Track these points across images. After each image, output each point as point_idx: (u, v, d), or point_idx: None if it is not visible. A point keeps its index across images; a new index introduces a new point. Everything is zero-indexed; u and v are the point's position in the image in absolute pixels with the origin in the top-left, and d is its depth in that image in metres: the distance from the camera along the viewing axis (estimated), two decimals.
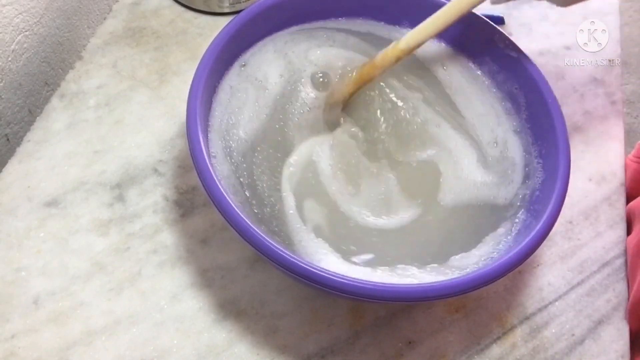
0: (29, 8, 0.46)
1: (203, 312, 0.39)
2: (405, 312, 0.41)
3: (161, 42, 0.51)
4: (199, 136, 0.35)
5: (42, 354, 0.37)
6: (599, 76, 0.55)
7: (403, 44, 0.40)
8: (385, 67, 0.41)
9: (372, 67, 0.41)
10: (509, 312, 0.42)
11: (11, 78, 0.46)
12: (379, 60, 0.41)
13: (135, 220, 0.42)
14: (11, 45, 0.45)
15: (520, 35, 0.57)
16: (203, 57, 0.38)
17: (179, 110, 0.47)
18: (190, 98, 0.36)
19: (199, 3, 0.53)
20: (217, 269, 0.41)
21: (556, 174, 0.37)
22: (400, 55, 0.41)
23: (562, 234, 0.45)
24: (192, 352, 0.38)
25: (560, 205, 0.36)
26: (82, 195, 0.43)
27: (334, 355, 0.38)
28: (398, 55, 0.41)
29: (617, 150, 0.50)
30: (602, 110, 0.53)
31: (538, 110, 0.41)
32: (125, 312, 0.38)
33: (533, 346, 0.41)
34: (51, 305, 0.38)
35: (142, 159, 0.45)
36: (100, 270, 0.40)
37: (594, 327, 0.42)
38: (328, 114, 0.41)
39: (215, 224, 0.42)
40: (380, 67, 0.41)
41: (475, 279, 0.33)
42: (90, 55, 0.50)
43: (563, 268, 0.44)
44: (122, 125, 0.46)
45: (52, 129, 0.45)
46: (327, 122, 0.41)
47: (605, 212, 0.47)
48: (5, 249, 0.40)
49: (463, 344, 0.40)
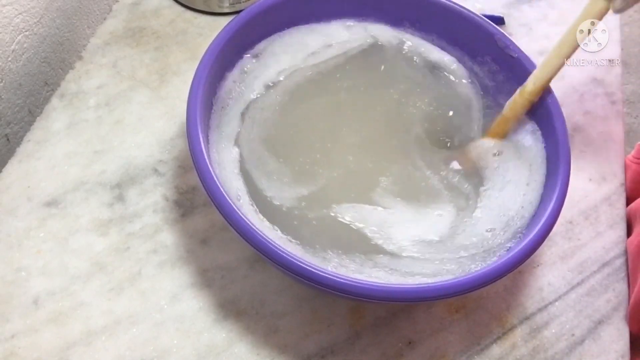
0: (29, 8, 0.46)
1: (203, 312, 0.39)
2: (405, 312, 0.41)
3: (161, 42, 0.51)
4: (199, 136, 0.35)
5: (42, 354, 0.36)
6: (599, 76, 0.55)
7: (530, 86, 0.39)
8: (518, 117, 0.40)
9: (505, 120, 0.41)
10: (509, 312, 0.42)
11: (11, 78, 0.46)
12: (509, 112, 0.40)
13: (135, 220, 0.42)
14: (11, 45, 0.45)
15: (520, 35, 0.57)
16: (203, 57, 0.38)
17: (179, 110, 0.47)
18: (190, 98, 0.36)
19: (199, 3, 0.53)
20: (217, 269, 0.41)
21: (556, 174, 0.37)
22: (529, 98, 0.40)
23: (562, 234, 0.45)
24: (192, 352, 0.38)
25: (560, 205, 0.36)
26: (82, 195, 0.43)
27: (334, 355, 0.38)
28: (528, 99, 0.40)
29: (617, 150, 0.50)
30: (602, 110, 0.53)
31: (538, 111, 0.41)
32: (125, 312, 0.38)
33: (533, 346, 0.41)
34: (51, 305, 0.38)
35: (142, 159, 0.45)
36: (100, 270, 0.40)
37: (594, 327, 0.42)
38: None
39: (215, 224, 0.42)
40: (513, 118, 0.40)
41: (475, 279, 0.33)
42: (90, 55, 0.50)
43: (563, 268, 0.44)
44: (122, 125, 0.46)
45: (52, 129, 0.45)
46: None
47: (605, 212, 0.47)
48: (5, 249, 0.40)
49: (463, 344, 0.40)
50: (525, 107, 0.40)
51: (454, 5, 0.43)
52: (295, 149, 0.40)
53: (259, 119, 0.41)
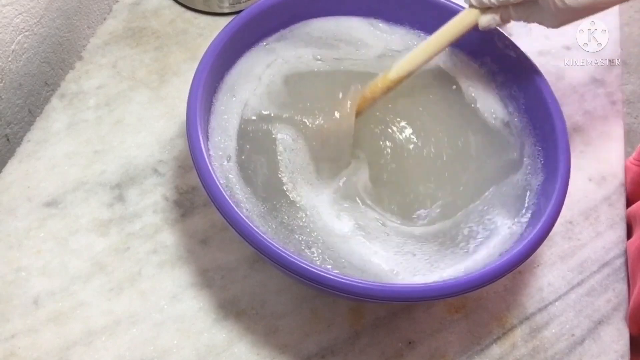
0: (29, 8, 0.46)
1: (203, 312, 0.39)
2: (405, 312, 0.41)
3: (161, 42, 0.51)
4: (199, 136, 0.35)
5: (42, 354, 0.36)
6: (599, 76, 0.55)
7: (393, 74, 0.40)
8: (375, 99, 0.40)
9: (362, 99, 0.40)
10: (509, 312, 0.42)
11: (11, 78, 0.46)
12: (368, 91, 0.40)
13: (135, 220, 0.42)
14: (11, 45, 0.45)
15: (520, 35, 0.56)
16: (203, 58, 0.38)
17: (179, 110, 0.47)
18: (190, 98, 0.36)
19: (199, 3, 0.53)
20: (217, 269, 0.41)
21: (556, 174, 0.37)
22: (390, 85, 0.40)
23: (562, 234, 0.45)
24: (192, 352, 0.38)
25: (560, 205, 0.36)
26: (82, 195, 0.43)
27: (334, 355, 0.38)
28: (388, 86, 0.40)
29: (617, 150, 0.50)
30: (602, 110, 0.53)
31: (538, 111, 0.41)
32: (125, 312, 0.38)
33: (533, 346, 0.41)
34: (51, 305, 0.38)
35: (142, 159, 0.45)
36: (100, 270, 0.40)
37: (594, 327, 0.42)
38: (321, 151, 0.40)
39: (215, 224, 0.42)
40: (370, 99, 0.40)
41: (475, 279, 0.33)
42: (90, 55, 0.50)
43: (563, 268, 0.44)
44: (122, 126, 0.46)
45: (52, 129, 0.45)
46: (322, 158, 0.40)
47: (605, 212, 0.47)
48: (5, 249, 0.40)
49: (463, 344, 0.40)
50: (383, 92, 0.40)
51: (453, 5, 0.43)
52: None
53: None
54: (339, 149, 0.40)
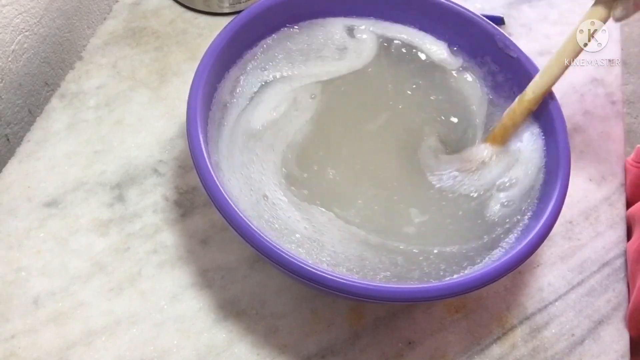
0: (29, 8, 0.46)
1: (203, 313, 0.39)
2: (405, 312, 0.41)
3: (161, 42, 0.51)
4: (199, 136, 0.35)
5: (42, 354, 0.36)
6: (599, 76, 0.55)
7: (529, 94, 0.39)
8: (517, 125, 0.40)
9: (504, 129, 0.40)
10: (509, 312, 0.42)
11: (11, 78, 0.46)
12: (508, 120, 0.40)
13: (135, 220, 0.42)
14: (11, 45, 0.45)
15: (520, 35, 0.57)
16: (203, 58, 0.38)
17: (179, 111, 0.47)
18: (190, 98, 0.36)
19: (199, 3, 0.53)
20: (217, 269, 0.41)
21: (556, 174, 0.37)
22: (529, 106, 0.40)
23: (562, 234, 0.45)
24: (192, 352, 0.38)
25: (560, 205, 0.36)
26: (82, 195, 0.43)
27: (334, 355, 0.38)
28: (527, 107, 0.40)
29: (617, 150, 0.50)
30: (602, 110, 0.53)
31: (538, 111, 0.41)
32: (125, 312, 0.38)
33: (533, 346, 0.41)
34: (51, 305, 0.38)
35: (142, 159, 0.45)
36: (100, 270, 0.40)
37: (594, 327, 0.42)
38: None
39: (215, 224, 0.42)
40: (511, 127, 0.40)
41: (475, 279, 0.33)
42: (90, 55, 0.50)
43: (563, 268, 0.44)
44: (122, 126, 0.46)
45: (52, 129, 0.45)
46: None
47: (605, 212, 0.47)
48: (5, 249, 0.40)
49: (463, 344, 0.40)
50: (524, 115, 0.40)
51: (453, 5, 0.43)
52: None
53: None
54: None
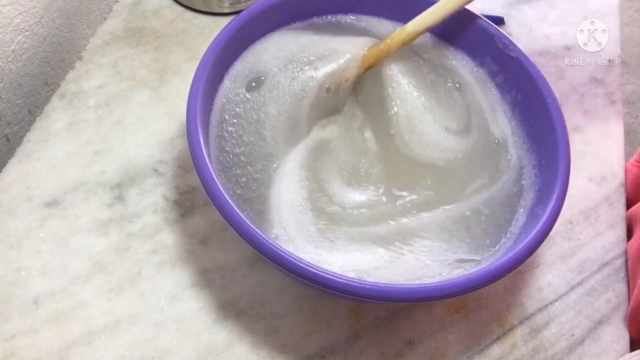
0: (29, 8, 0.46)
1: (203, 313, 0.39)
2: (405, 312, 0.41)
3: (161, 42, 0.51)
4: (199, 136, 0.35)
5: (42, 354, 0.37)
6: (599, 76, 0.55)
7: (410, 28, 0.41)
8: (390, 51, 0.42)
9: (379, 50, 0.42)
10: (509, 312, 0.42)
11: (11, 78, 0.46)
12: (385, 44, 0.42)
13: (135, 220, 0.42)
14: (11, 45, 0.45)
15: (520, 35, 0.57)
16: (203, 57, 0.38)
17: (179, 110, 0.47)
18: (190, 98, 0.36)
19: (199, 3, 0.53)
20: (217, 269, 0.41)
21: (556, 174, 0.37)
22: (406, 38, 0.41)
23: (562, 234, 0.45)
24: (192, 353, 0.38)
25: (560, 206, 0.36)
26: (82, 195, 0.43)
27: (334, 355, 0.38)
28: (404, 39, 0.41)
29: (617, 150, 0.50)
30: (602, 110, 0.53)
31: (538, 111, 0.41)
32: (125, 312, 0.38)
33: (533, 346, 0.41)
34: (51, 305, 0.38)
35: (142, 159, 0.45)
36: (100, 270, 0.40)
37: (594, 327, 0.42)
38: (332, 98, 0.41)
39: (215, 224, 0.42)
40: (386, 51, 0.42)
41: (475, 279, 0.33)
42: (90, 55, 0.50)
43: (563, 268, 0.44)
44: (122, 125, 0.46)
45: (52, 129, 0.45)
46: (330, 106, 0.41)
47: (605, 212, 0.47)
48: (5, 249, 0.40)
49: (463, 344, 0.40)
50: (398, 45, 0.41)
51: None
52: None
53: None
54: (337, 99, 0.41)
